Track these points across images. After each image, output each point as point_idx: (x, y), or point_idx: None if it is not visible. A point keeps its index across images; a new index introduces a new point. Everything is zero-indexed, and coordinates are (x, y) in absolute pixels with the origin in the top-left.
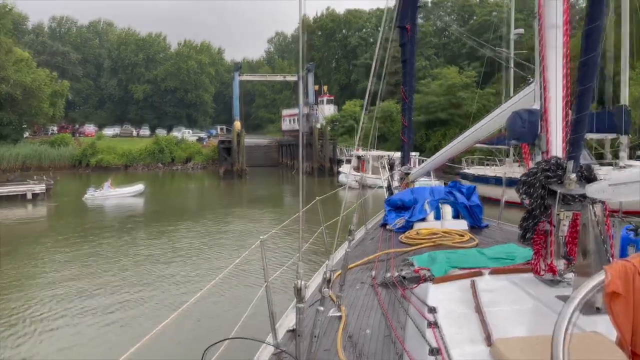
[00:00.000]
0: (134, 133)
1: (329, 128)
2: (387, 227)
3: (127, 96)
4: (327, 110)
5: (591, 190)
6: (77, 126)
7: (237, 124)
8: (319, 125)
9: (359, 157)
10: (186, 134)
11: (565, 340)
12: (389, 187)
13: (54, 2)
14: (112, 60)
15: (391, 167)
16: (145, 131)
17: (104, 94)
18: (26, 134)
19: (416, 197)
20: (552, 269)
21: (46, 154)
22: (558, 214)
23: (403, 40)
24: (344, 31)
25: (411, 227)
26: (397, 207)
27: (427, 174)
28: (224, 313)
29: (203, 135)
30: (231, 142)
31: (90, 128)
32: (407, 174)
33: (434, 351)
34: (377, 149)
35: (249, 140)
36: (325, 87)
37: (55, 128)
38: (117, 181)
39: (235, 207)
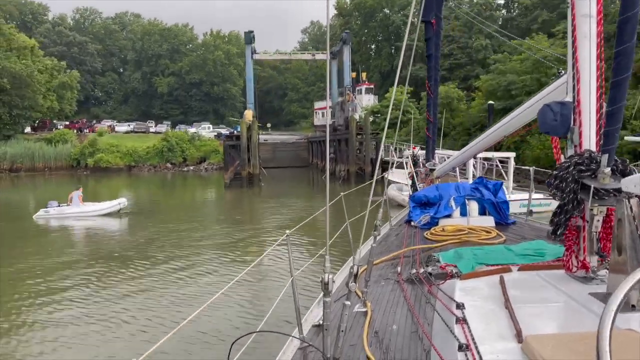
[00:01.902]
0: (152, 129)
1: (370, 119)
2: (412, 223)
3: (152, 90)
4: (366, 100)
5: (627, 183)
6: (94, 122)
7: (248, 114)
8: (357, 117)
9: (415, 161)
10: (204, 130)
11: (611, 336)
12: (413, 184)
13: None
14: (135, 52)
15: (415, 164)
16: (162, 127)
17: (127, 88)
18: (27, 129)
19: (441, 193)
20: (584, 266)
21: (40, 152)
22: (591, 209)
23: (428, 35)
24: (385, 10)
25: (436, 224)
26: (422, 203)
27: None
28: (250, 308)
29: (224, 130)
30: (240, 137)
31: (107, 124)
32: (432, 170)
33: (462, 347)
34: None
35: (276, 136)
36: (363, 74)
37: (63, 124)
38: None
39: (227, 252)
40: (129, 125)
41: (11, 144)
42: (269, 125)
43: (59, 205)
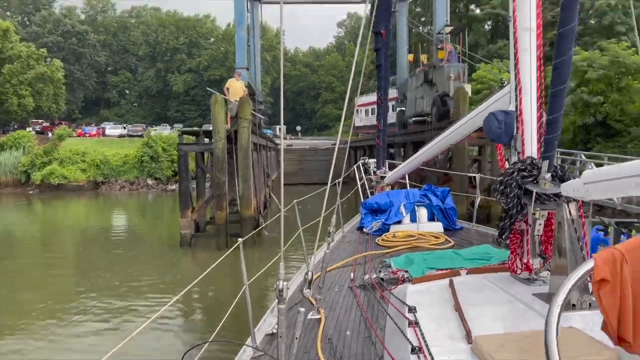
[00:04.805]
0: (153, 133)
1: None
2: (364, 230)
3: (167, 89)
4: None
5: (565, 188)
6: (92, 125)
7: (234, 85)
8: (468, 89)
9: (366, 168)
10: None
11: (558, 328)
12: (364, 191)
13: None
14: (149, 46)
15: (366, 171)
16: (165, 130)
17: (140, 87)
18: None
19: (392, 200)
20: (528, 268)
21: None
22: (534, 213)
23: (377, 45)
24: None
25: (387, 230)
26: (373, 210)
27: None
28: (203, 318)
29: None
30: (212, 136)
31: (106, 127)
32: (383, 177)
33: (415, 350)
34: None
35: (305, 141)
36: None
37: (41, 126)
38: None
39: None
40: (123, 128)
41: None
42: (298, 128)
43: None
